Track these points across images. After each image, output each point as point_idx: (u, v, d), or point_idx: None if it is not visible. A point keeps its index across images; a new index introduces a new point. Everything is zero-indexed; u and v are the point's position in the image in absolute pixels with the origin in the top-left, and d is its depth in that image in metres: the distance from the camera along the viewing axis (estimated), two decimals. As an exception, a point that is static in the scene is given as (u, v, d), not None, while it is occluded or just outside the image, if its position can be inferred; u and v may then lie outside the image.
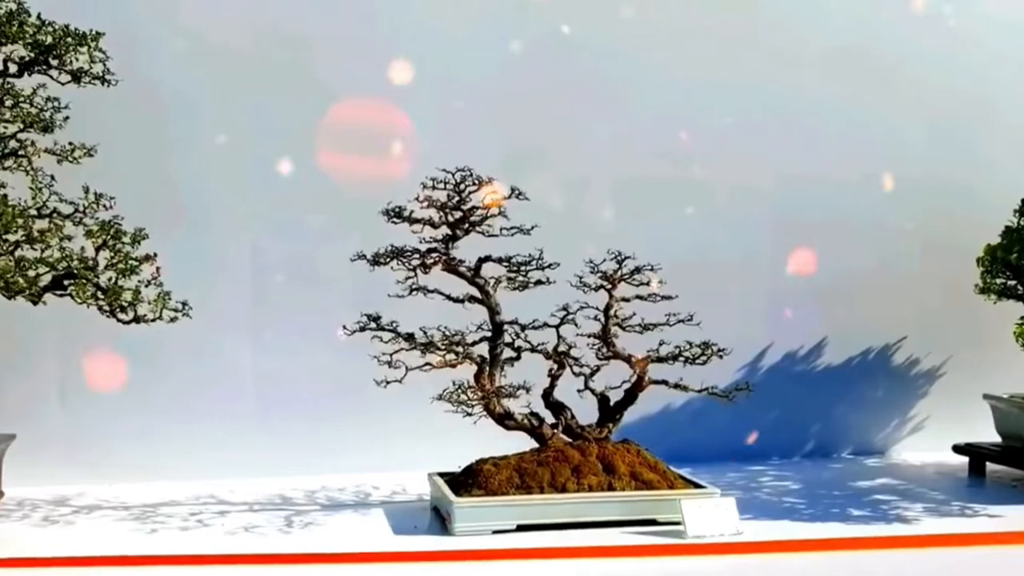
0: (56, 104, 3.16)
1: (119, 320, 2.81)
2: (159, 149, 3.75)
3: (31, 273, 2.77)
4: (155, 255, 2.89)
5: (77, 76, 3.13)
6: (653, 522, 3.19)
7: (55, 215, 3.02)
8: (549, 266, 3.30)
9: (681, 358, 3.34)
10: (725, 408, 3.58)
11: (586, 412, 3.49)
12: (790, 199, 4.32)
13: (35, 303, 2.79)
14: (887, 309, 4.44)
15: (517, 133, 4.06)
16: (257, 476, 3.89)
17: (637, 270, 3.40)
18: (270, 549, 2.95)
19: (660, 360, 3.39)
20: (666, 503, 3.18)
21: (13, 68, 3.08)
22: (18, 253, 2.83)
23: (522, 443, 3.42)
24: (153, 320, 2.80)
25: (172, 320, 2.83)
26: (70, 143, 3.23)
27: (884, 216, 4.40)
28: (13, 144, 3.19)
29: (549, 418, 3.47)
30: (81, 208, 3.06)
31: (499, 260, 3.33)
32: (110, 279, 2.87)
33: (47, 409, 3.80)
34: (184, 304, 2.86)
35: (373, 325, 3.32)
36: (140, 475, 3.84)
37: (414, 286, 3.39)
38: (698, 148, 4.25)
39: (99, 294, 2.79)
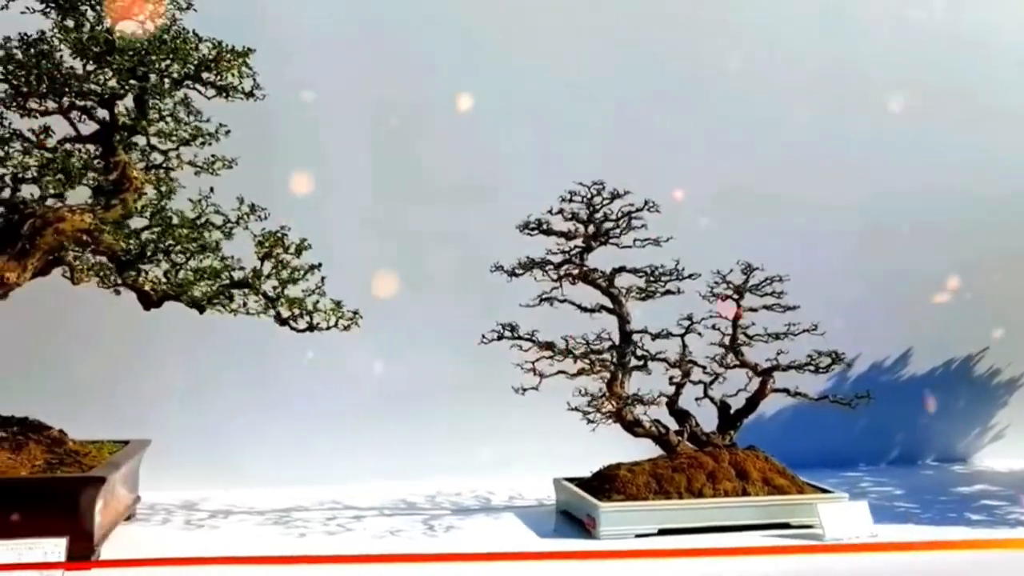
0: (201, 117, 3.24)
1: (293, 329, 2.88)
2: (271, 159, 3.80)
3: (210, 283, 2.84)
4: (319, 265, 2.96)
5: (226, 91, 3.19)
6: (786, 525, 3.28)
7: (208, 225, 3.10)
8: (689, 276, 3.38)
9: (809, 367, 3.44)
10: (815, 416, 3.68)
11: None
12: (878, 209, 4.43)
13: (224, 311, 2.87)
14: (969, 321, 4.56)
15: (615, 146, 4.16)
16: (368, 481, 3.95)
17: (772, 279, 3.49)
18: (427, 550, 3.02)
19: (787, 369, 3.49)
20: (799, 507, 3.28)
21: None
22: (192, 263, 2.89)
23: (605, 449, 3.51)
24: (327, 328, 2.87)
25: (346, 328, 2.90)
26: (212, 155, 3.30)
27: (969, 228, 4.51)
28: (156, 156, 3.27)
29: (672, 425, 3.56)
30: (234, 219, 3.14)
31: (634, 271, 3.41)
32: (274, 288, 2.94)
33: (167, 413, 3.85)
34: (356, 313, 2.93)
35: (508, 334, 3.40)
36: (258, 480, 3.90)
37: (544, 296, 3.48)
38: (786, 160, 4.35)
39: (273, 303, 2.86)
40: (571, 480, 3.52)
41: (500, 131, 4.08)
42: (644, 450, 3.58)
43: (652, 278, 3.38)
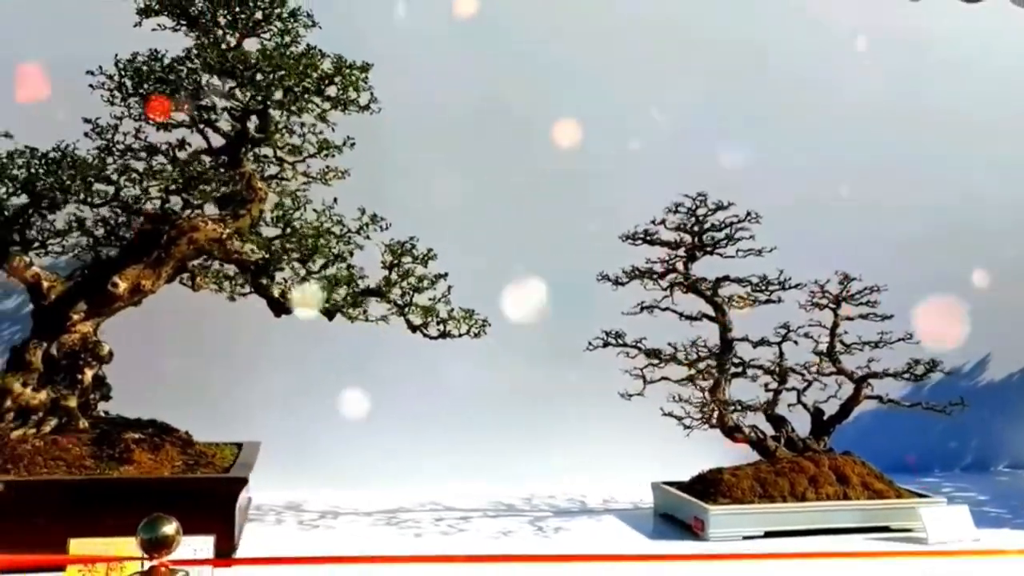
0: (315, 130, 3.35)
1: (426, 336, 2.98)
2: (380, 171, 3.89)
3: (343, 291, 2.94)
4: (446, 274, 3.06)
5: (345, 104, 3.29)
6: (886, 529, 3.37)
7: (331, 234, 3.20)
8: (796, 286, 3.47)
9: (906, 375, 3.53)
10: (890, 422, 3.76)
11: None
12: (962, 218, 4.50)
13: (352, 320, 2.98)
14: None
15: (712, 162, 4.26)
16: (462, 483, 4.05)
17: (871, 289, 3.58)
18: (543, 551, 3.12)
19: (883, 376, 3.58)
20: (899, 511, 3.37)
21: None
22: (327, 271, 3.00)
23: (679, 454, 3.62)
24: (459, 336, 2.98)
25: (476, 335, 3.00)
26: (326, 167, 3.41)
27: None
28: (271, 168, 3.38)
29: (768, 430, 3.66)
30: (355, 229, 3.24)
31: (739, 280, 3.51)
32: (401, 296, 3.05)
33: (270, 416, 3.95)
34: (485, 320, 3.03)
35: (614, 341, 3.50)
36: (354, 482, 3.99)
37: (645, 304, 3.59)
38: (869, 168, 4.44)
39: (402, 310, 2.97)
40: (670, 484, 3.61)
41: (595, 140, 4.16)
42: (715, 454, 3.69)
43: (758, 288, 3.46)
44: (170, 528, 2.10)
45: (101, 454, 2.93)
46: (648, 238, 3.49)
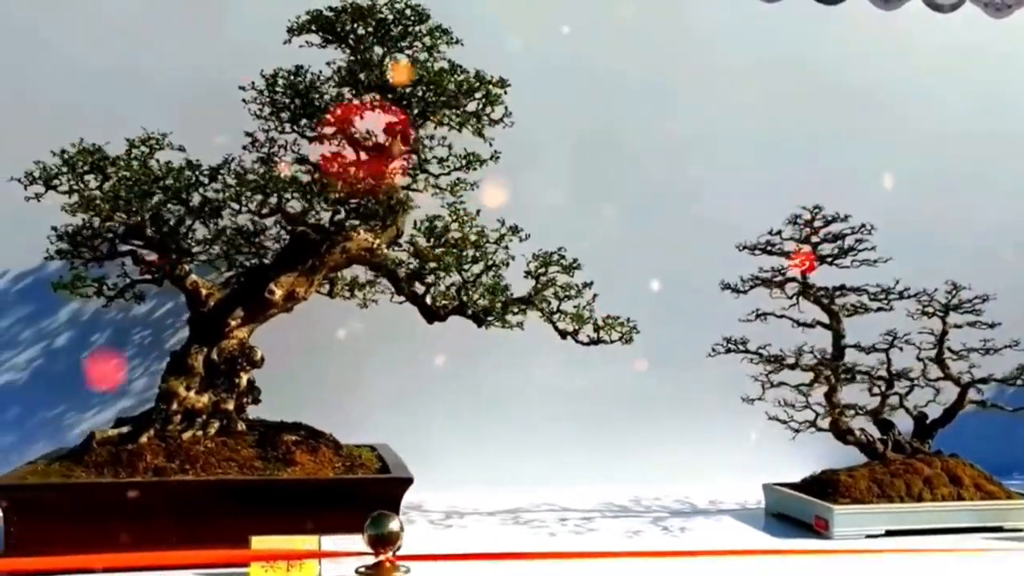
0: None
1: (578, 342, 3.11)
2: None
3: (494, 299, 3.07)
4: (591, 283, 3.19)
5: (478, 118, 3.41)
6: (999, 529, 3.51)
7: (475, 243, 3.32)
8: (914, 296, 3.61)
9: (1014, 381, 3.67)
10: (973, 425, 3.90)
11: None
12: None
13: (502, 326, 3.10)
14: None
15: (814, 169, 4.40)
16: (568, 484, 4.16)
17: (984, 299, 3.72)
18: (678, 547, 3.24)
19: (989, 382, 3.72)
20: (1013, 511, 3.51)
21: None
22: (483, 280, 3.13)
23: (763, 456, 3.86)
24: (611, 342, 3.10)
25: (627, 341, 3.13)
26: (458, 179, 3.53)
27: None
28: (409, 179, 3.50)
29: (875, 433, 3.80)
30: (494, 239, 3.36)
31: (855, 290, 3.64)
32: (547, 304, 3.17)
33: (377, 418, 4.06)
34: (634, 327, 3.16)
35: (735, 347, 3.64)
36: (467, 483, 4.11)
37: (759, 312, 3.73)
38: (972, 180, 4.59)
39: (550, 317, 3.09)
40: (782, 485, 3.74)
41: (699, 152, 4.30)
42: (793, 458, 3.88)
43: (874, 297, 3.60)
44: (395, 525, 2.21)
45: (267, 455, 3.03)
46: (768, 249, 3.61)
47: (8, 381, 3.83)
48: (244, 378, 3.20)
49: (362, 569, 2.25)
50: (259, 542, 2.79)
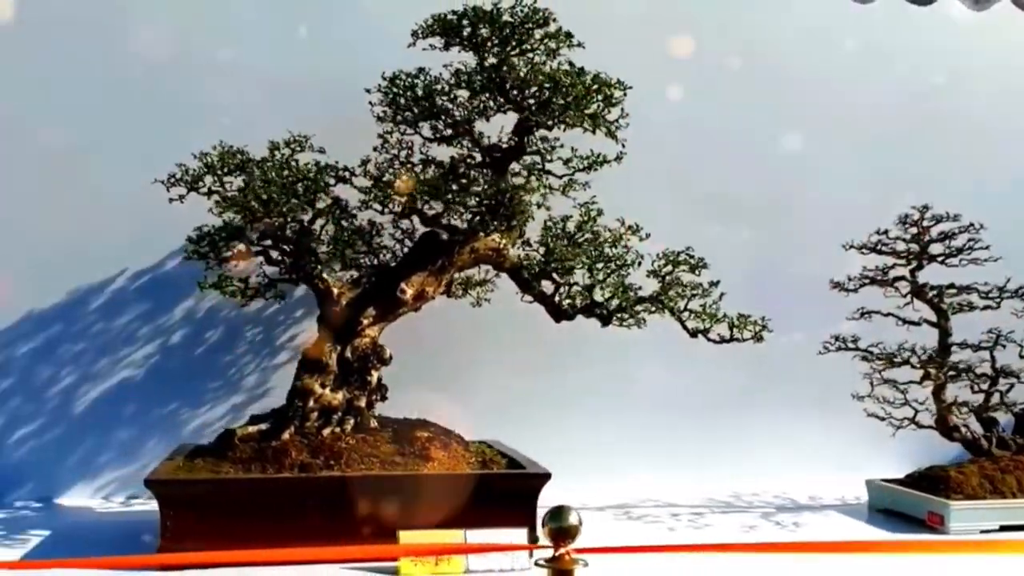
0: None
1: (710, 340, 3.16)
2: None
3: (623, 298, 3.12)
4: (718, 281, 3.24)
5: (595, 120, 3.42)
6: (1107, 523, 3.56)
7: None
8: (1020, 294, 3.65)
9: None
10: None
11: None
12: None
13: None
14: None
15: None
16: (667, 481, 4.22)
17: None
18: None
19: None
20: (1122, 507, 3.56)
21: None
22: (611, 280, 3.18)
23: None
24: (743, 340, 3.16)
25: (760, 339, 3.18)
26: (569, 179, 3.56)
27: None
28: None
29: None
30: (615, 237, 3.41)
31: (965, 288, 3.69)
32: (675, 301, 3.22)
33: (478, 415, 4.10)
34: (764, 325, 3.21)
35: (842, 345, 3.69)
36: (563, 479, 4.15)
37: (865, 310, 3.78)
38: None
39: (677, 315, 3.15)
40: (888, 481, 3.80)
41: (800, 153, 4.34)
42: (876, 454, 4.05)
43: (985, 295, 3.64)
44: (574, 518, 2.27)
45: (405, 451, 3.10)
46: (879, 248, 3.66)
47: (126, 377, 3.91)
48: (375, 376, 3.26)
49: (542, 561, 2.31)
50: (407, 536, 2.86)
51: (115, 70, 3.81)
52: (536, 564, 2.33)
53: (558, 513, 2.30)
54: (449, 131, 3.40)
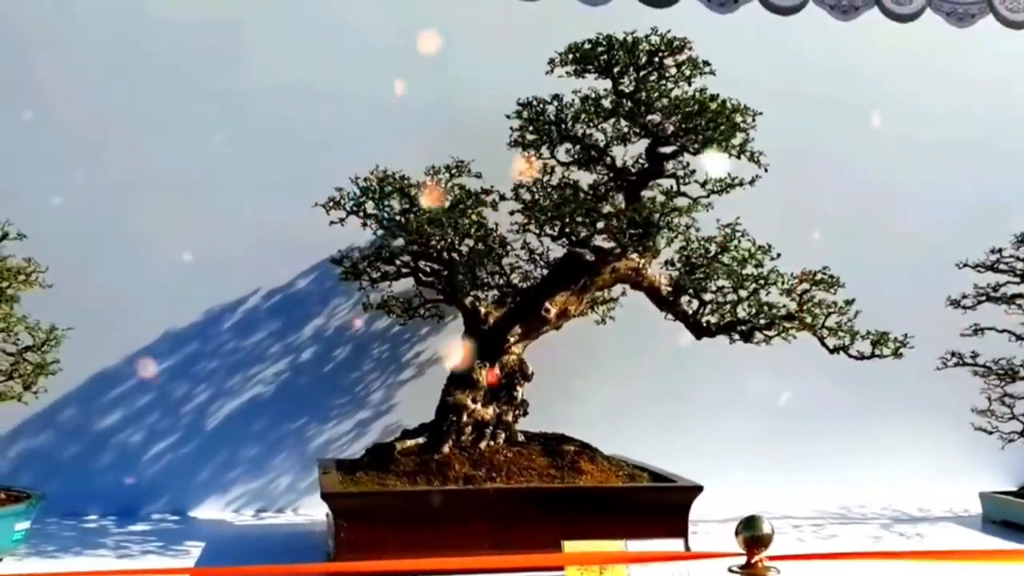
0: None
1: (851, 356, 3.28)
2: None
3: (764, 316, 3.24)
4: (853, 300, 3.35)
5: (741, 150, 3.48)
6: None
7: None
8: None
9: None
10: None
11: None
12: None
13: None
14: None
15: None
16: (775, 493, 4.31)
17: None
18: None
19: None
20: None
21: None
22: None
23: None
24: (883, 357, 3.27)
25: (900, 356, 3.29)
26: (694, 199, 3.67)
27: None
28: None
29: None
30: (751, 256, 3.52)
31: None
32: (812, 319, 3.33)
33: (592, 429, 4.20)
34: (903, 342, 3.32)
35: (959, 360, 3.81)
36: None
37: (978, 327, 3.89)
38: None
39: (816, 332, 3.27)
40: (1002, 493, 3.91)
41: (896, 166, 4.46)
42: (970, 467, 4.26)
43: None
44: (768, 527, 2.38)
45: (557, 464, 3.21)
46: (996, 267, 3.77)
47: (256, 394, 4.02)
48: (520, 391, 3.37)
49: (736, 568, 2.42)
50: (570, 546, 2.96)
51: (240, 96, 3.96)
52: (730, 571, 2.44)
53: (752, 522, 2.41)
54: (584, 155, 3.51)
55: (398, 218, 3.20)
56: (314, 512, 3.94)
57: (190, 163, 3.90)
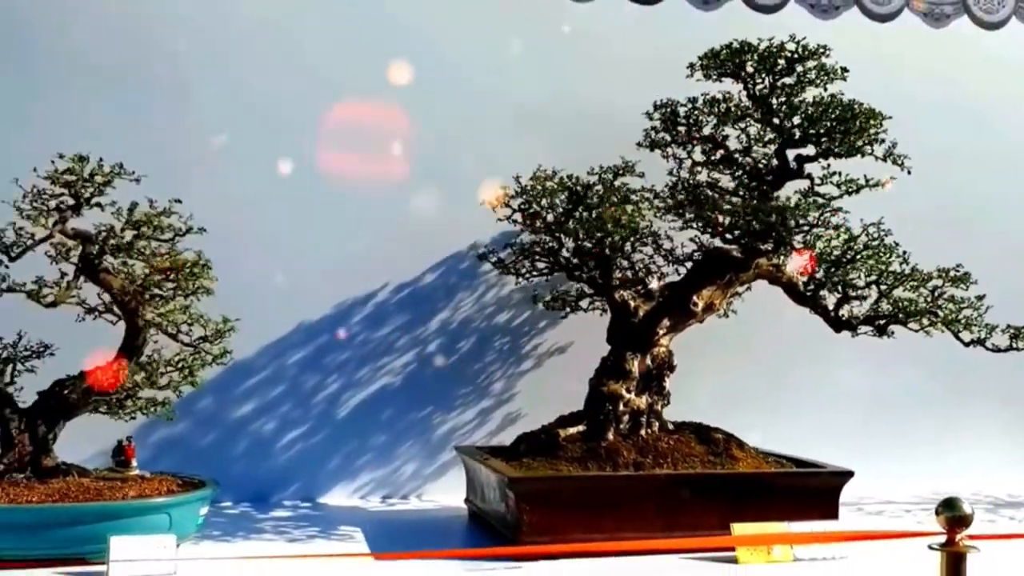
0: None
1: (987, 349, 3.47)
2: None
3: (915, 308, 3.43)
4: (984, 296, 3.55)
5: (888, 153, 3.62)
6: None
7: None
8: None
9: None
10: None
11: None
12: None
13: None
14: None
15: None
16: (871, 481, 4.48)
17: None
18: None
19: None
20: None
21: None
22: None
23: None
24: (1021, 350, 3.46)
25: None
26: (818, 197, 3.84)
27: None
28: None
29: None
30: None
31: None
32: (950, 313, 3.51)
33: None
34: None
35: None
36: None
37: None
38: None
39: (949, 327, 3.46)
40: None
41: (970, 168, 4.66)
42: None
43: None
44: (968, 508, 2.56)
45: (713, 451, 3.38)
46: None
47: (385, 384, 4.15)
48: (667, 382, 3.53)
49: (935, 546, 2.59)
50: (739, 528, 3.14)
51: (369, 94, 4.10)
52: (930, 547, 2.61)
53: (953, 503, 2.58)
54: (717, 154, 3.67)
55: (565, 218, 3.33)
56: (439, 498, 4.10)
57: (326, 163, 4.03)
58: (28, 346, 3.23)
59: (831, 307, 3.55)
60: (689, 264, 3.73)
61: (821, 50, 3.57)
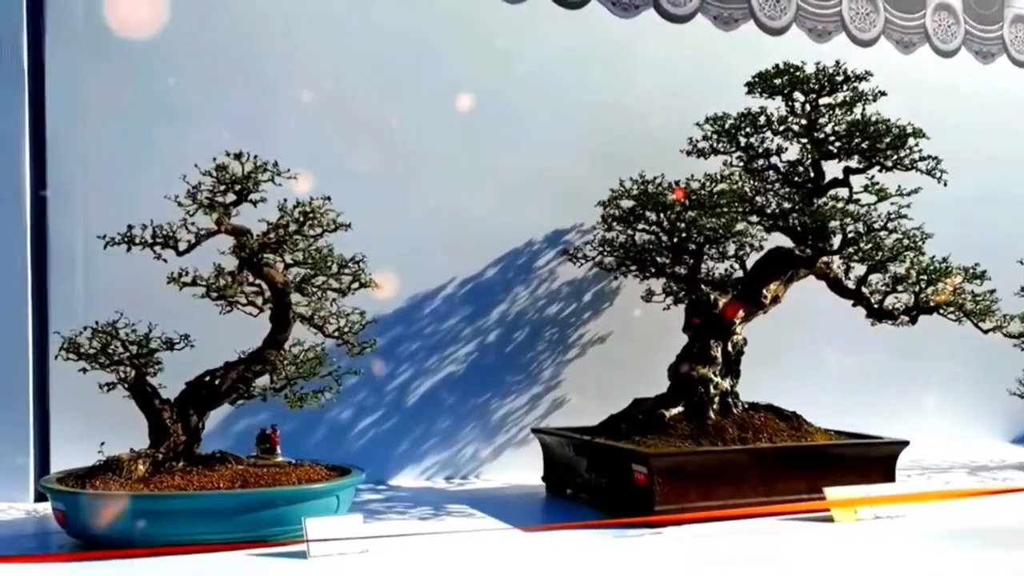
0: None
1: (1006, 336, 4.10)
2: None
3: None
4: (995, 290, 4.19)
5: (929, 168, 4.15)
6: None
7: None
8: None
9: None
10: None
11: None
12: None
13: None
14: None
15: None
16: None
17: None
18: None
19: None
20: None
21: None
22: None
23: None
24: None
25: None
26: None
27: None
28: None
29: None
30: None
31: None
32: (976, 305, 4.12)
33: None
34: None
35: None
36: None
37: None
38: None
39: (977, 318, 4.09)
40: None
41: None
42: None
43: None
44: None
45: (792, 427, 3.86)
46: None
47: (449, 372, 4.41)
48: (740, 366, 3.99)
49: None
50: (830, 492, 3.63)
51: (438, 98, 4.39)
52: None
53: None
54: (764, 163, 4.16)
55: (667, 223, 3.72)
56: (496, 476, 4.40)
57: (402, 158, 4.27)
58: (163, 337, 3.27)
59: (875, 301, 4.06)
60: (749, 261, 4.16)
61: (864, 72, 4.08)
